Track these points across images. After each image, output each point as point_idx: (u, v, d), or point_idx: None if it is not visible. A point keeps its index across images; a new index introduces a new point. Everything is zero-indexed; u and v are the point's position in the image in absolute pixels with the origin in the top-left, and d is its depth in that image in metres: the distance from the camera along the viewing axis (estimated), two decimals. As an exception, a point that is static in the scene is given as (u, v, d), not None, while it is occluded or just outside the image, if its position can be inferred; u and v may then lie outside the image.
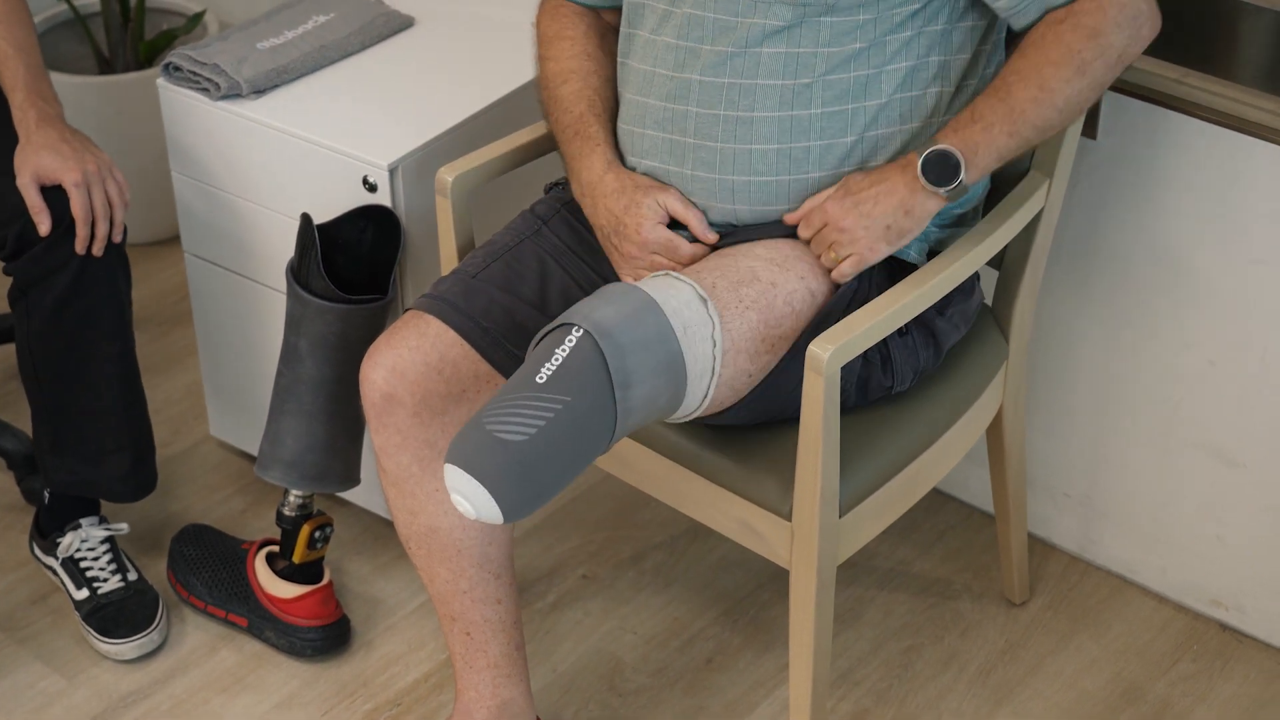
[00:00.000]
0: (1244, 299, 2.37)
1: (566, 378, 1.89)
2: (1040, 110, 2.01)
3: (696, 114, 2.10)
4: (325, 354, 2.41)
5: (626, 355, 1.90)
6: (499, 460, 1.87)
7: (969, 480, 2.76)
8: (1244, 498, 2.49)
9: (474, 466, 1.87)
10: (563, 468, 1.91)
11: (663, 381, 1.93)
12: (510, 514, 1.89)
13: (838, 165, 2.08)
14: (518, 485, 1.88)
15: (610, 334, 1.90)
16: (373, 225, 2.45)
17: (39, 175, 2.35)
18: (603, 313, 1.91)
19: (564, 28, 2.26)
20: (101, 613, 2.55)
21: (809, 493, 2.05)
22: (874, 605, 2.63)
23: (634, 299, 1.93)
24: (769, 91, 2.06)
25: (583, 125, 2.19)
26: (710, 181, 2.11)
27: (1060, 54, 2.00)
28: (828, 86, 2.06)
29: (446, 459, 1.90)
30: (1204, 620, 2.59)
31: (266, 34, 2.63)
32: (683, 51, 2.10)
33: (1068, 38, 2.00)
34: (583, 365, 1.89)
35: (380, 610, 2.63)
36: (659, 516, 2.78)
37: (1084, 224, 2.47)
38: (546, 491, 1.91)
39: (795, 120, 2.07)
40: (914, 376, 2.17)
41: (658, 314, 1.93)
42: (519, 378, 1.91)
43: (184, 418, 2.97)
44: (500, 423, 1.88)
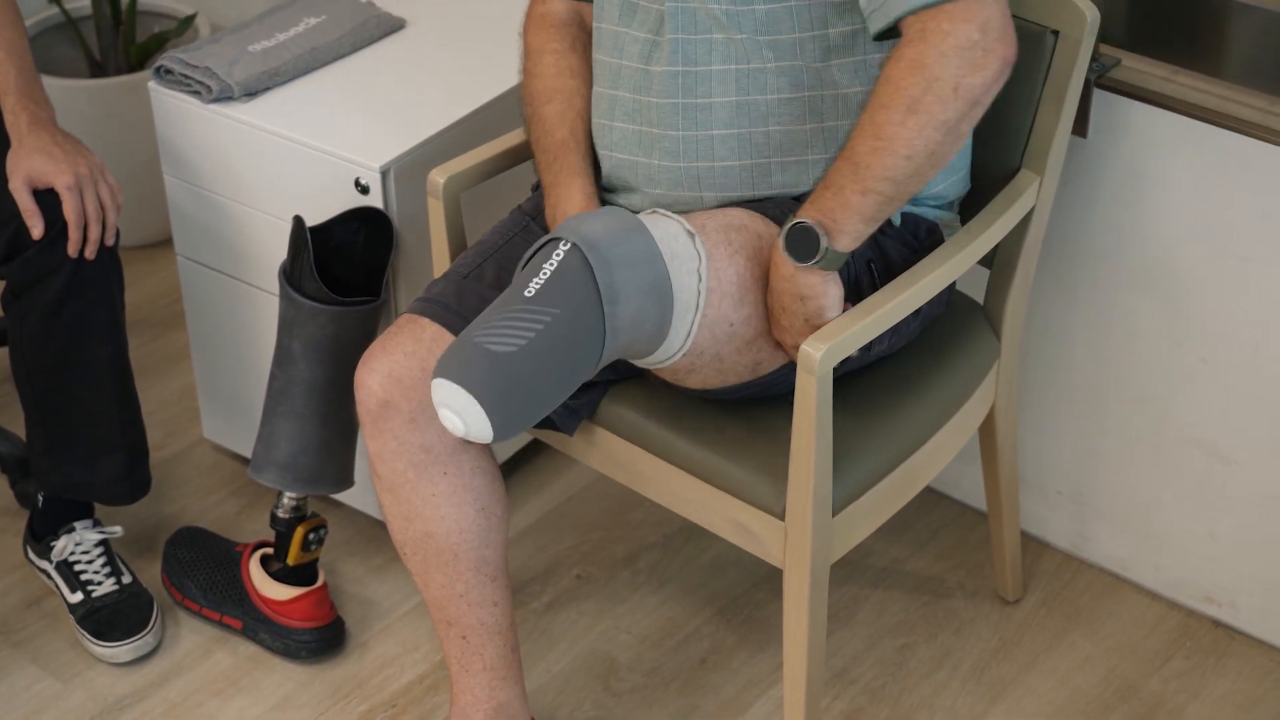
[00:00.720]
0: (1234, 296, 2.38)
1: (555, 290, 1.89)
2: (883, 160, 1.91)
3: (658, 105, 2.10)
4: (318, 356, 2.41)
5: (614, 269, 1.89)
6: (489, 371, 1.86)
7: (962, 478, 2.77)
8: (1236, 494, 2.49)
9: (463, 378, 1.86)
10: (552, 382, 1.90)
11: (650, 302, 1.92)
12: (500, 428, 1.88)
13: (803, 153, 2.08)
14: (508, 397, 1.87)
15: (597, 247, 1.90)
16: (365, 227, 2.46)
17: (31, 179, 2.35)
18: (590, 226, 1.92)
19: (548, 41, 2.26)
20: (96, 616, 2.55)
21: (802, 492, 2.06)
22: (868, 604, 2.63)
23: (622, 217, 1.93)
24: (724, 77, 2.07)
25: (563, 152, 2.19)
26: (675, 170, 2.11)
27: (888, 94, 1.90)
28: (781, 73, 2.06)
29: (434, 374, 1.88)
30: (1197, 617, 2.60)
31: (258, 36, 2.64)
32: (646, 44, 2.10)
33: (893, 75, 1.90)
34: (571, 278, 1.89)
35: (375, 612, 2.63)
36: (652, 516, 2.78)
37: (1075, 222, 2.47)
38: (536, 406, 1.90)
39: (752, 105, 2.07)
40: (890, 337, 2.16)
41: (645, 234, 1.93)
42: (508, 294, 1.92)
43: (177, 420, 2.97)
44: (489, 335, 1.87)
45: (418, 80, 2.60)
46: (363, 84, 2.59)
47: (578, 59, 2.25)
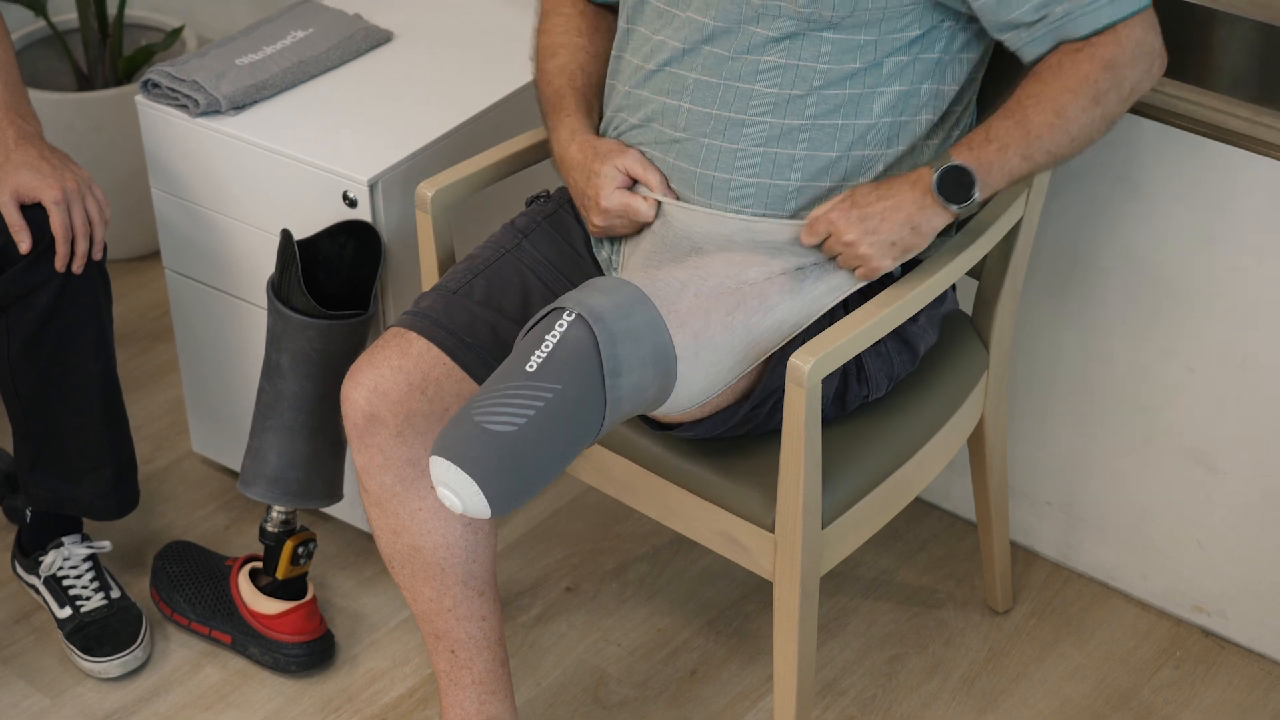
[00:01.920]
0: (1222, 305, 2.38)
1: (556, 365, 1.89)
2: (1055, 136, 2.02)
3: (689, 110, 2.10)
4: (307, 370, 2.41)
5: (618, 342, 1.90)
6: (487, 452, 1.86)
7: (951, 489, 2.77)
8: (1224, 503, 2.50)
9: (461, 458, 1.86)
10: (551, 458, 1.90)
11: (651, 373, 1.93)
12: (498, 507, 1.88)
13: (817, 177, 2.08)
14: (506, 477, 1.87)
15: (603, 319, 1.90)
16: (353, 240, 2.45)
17: (18, 193, 2.35)
18: (595, 300, 1.92)
19: (561, 4, 2.30)
20: (84, 631, 2.54)
21: (791, 504, 2.06)
22: (858, 615, 2.63)
23: (625, 290, 1.94)
24: (763, 98, 2.07)
25: (559, 99, 2.22)
26: (691, 174, 2.11)
27: (1077, 82, 2.01)
28: (821, 100, 2.06)
29: (433, 451, 1.89)
30: (1186, 626, 2.60)
31: (245, 50, 2.63)
32: (682, 51, 2.10)
33: (1085, 67, 2.01)
34: (574, 351, 1.89)
35: (364, 625, 2.63)
36: (642, 529, 2.78)
37: (1063, 233, 2.48)
38: (534, 484, 1.90)
39: (785, 128, 2.07)
40: (889, 383, 2.18)
41: (648, 305, 1.93)
42: (508, 367, 1.91)
43: (165, 434, 2.96)
44: (488, 413, 1.87)
45: (405, 93, 2.60)
46: (350, 97, 2.59)
47: (587, 22, 2.28)
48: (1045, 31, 2.03)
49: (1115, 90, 2.02)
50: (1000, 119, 2.03)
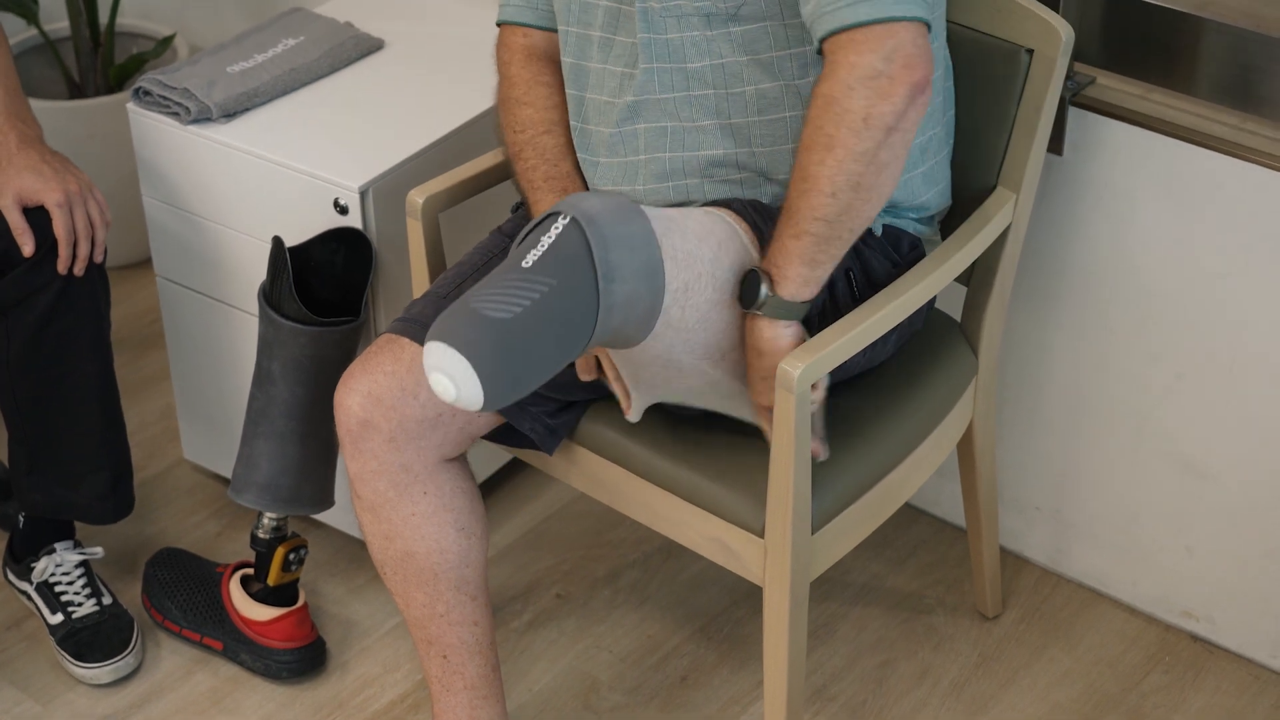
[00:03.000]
0: (1210, 312, 2.39)
1: (552, 261, 1.88)
2: (809, 201, 1.93)
3: (645, 130, 2.11)
4: (298, 376, 2.41)
5: (610, 248, 1.89)
6: (483, 335, 1.85)
7: (940, 495, 2.78)
8: (1213, 509, 2.50)
9: (458, 341, 1.85)
10: (545, 352, 1.89)
11: (643, 286, 1.91)
12: (491, 394, 1.86)
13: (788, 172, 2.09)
14: (502, 362, 1.85)
15: (596, 223, 1.89)
16: (344, 247, 2.46)
17: (21, 197, 2.36)
18: (590, 203, 1.91)
19: (540, 73, 2.25)
20: (76, 637, 2.55)
21: (781, 509, 2.06)
22: (847, 621, 2.64)
23: (621, 200, 1.93)
24: (705, 101, 2.08)
25: (571, 183, 2.20)
26: (664, 189, 2.12)
27: (809, 135, 1.92)
28: (760, 96, 2.07)
29: (429, 336, 1.87)
30: (1175, 632, 2.61)
31: (236, 57, 2.64)
32: (626, 77, 2.11)
33: (811, 113, 1.92)
34: (568, 251, 1.88)
35: (355, 631, 2.63)
36: (632, 535, 2.78)
37: (1051, 239, 2.48)
38: (527, 376, 1.89)
39: (735, 128, 2.08)
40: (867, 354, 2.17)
41: (643, 219, 1.92)
42: (505, 264, 1.91)
43: (157, 441, 2.97)
44: (484, 301, 1.86)
45: (396, 101, 2.60)
46: (341, 105, 2.60)
47: (564, 95, 2.26)
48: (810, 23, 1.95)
49: (844, 127, 1.89)
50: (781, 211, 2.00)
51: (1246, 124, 2.29)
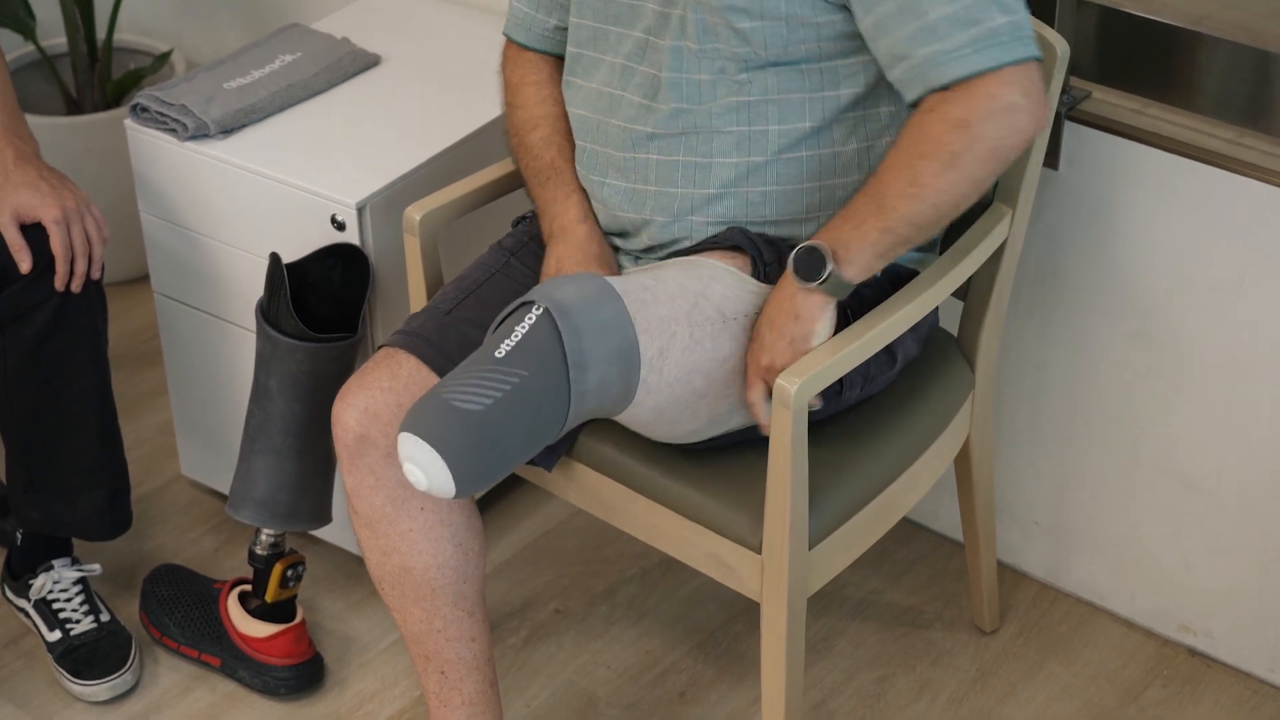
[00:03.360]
0: (1207, 326, 2.39)
1: (524, 353, 1.91)
2: (912, 205, 1.96)
3: (657, 161, 2.12)
4: (295, 392, 2.41)
5: (583, 336, 1.92)
6: (454, 427, 1.88)
7: (938, 510, 2.78)
8: (1210, 523, 2.50)
9: (429, 434, 1.88)
10: (517, 442, 1.92)
11: (615, 369, 1.94)
12: (462, 485, 1.90)
13: (799, 212, 2.10)
14: (472, 454, 1.89)
15: (568, 313, 1.92)
16: (341, 263, 2.46)
17: (18, 213, 2.36)
18: (564, 292, 1.94)
19: (528, 74, 2.29)
20: (74, 654, 2.54)
21: (778, 525, 2.06)
22: (845, 636, 2.64)
23: (595, 284, 1.96)
24: (725, 138, 2.08)
25: (554, 173, 2.22)
26: (669, 224, 2.13)
27: (929, 147, 1.94)
28: (783, 135, 2.08)
29: (401, 428, 1.91)
30: (1173, 646, 2.61)
31: (233, 74, 2.64)
32: (643, 107, 2.12)
33: (936, 129, 1.94)
34: (540, 342, 1.91)
35: (353, 648, 2.63)
36: (630, 550, 2.78)
37: (1047, 254, 2.49)
38: (499, 465, 1.93)
39: (752, 166, 2.09)
40: (864, 383, 2.17)
41: (617, 301, 1.95)
42: (479, 353, 1.94)
43: (155, 457, 2.97)
44: (456, 393, 1.90)
45: (393, 117, 2.61)
46: (338, 121, 2.60)
47: (559, 89, 2.28)
48: (912, 75, 1.97)
49: (970, 151, 1.93)
50: (860, 193, 2.00)
51: (1243, 138, 2.29)
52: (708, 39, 2.06)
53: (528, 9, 2.29)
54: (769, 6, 2.01)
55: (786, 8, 2.01)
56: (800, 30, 2.02)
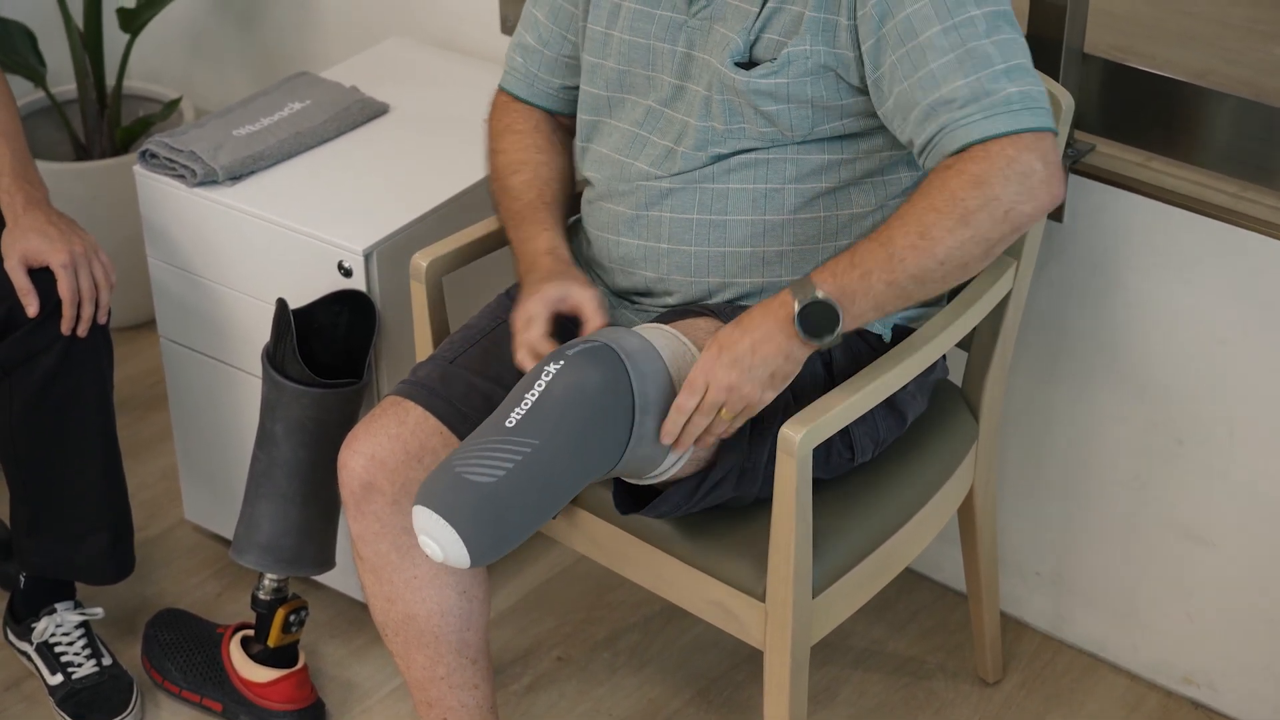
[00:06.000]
0: (1210, 378, 2.40)
1: (536, 421, 1.91)
2: (920, 259, 1.92)
3: (670, 219, 2.13)
4: (301, 438, 2.42)
5: (647, 381, 1.93)
6: (467, 501, 1.88)
7: (942, 560, 2.78)
8: (1213, 575, 2.50)
9: (443, 507, 1.89)
10: (531, 511, 1.92)
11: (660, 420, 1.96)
12: (478, 556, 1.90)
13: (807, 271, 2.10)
14: (486, 526, 1.89)
15: (633, 357, 1.93)
16: (348, 310, 2.47)
17: (26, 257, 2.37)
18: (627, 340, 1.95)
19: (513, 122, 2.30)
20: (76, 698, 2.54)
21: (782, 574, 2.07)
22: (848, 685, 2.64)
23: (640, 338, 1.97)
24: (740, 195, 2.09)
25: (530, 211, 2.22)
26: (686, 284, 2.14)
27: (943, 200, 1.91)
28: (799, 194, 2.09)
29: (416, 500, 1.91)
30: (1176, 698, 2.60)
31: (242, 121, 2.66)
32: (657, 166, 2.13)
33: (952, 184, 1.91)
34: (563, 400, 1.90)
35: (355, 694, 2.63)
36: (633, 597, 2.78)
37: (1051, 305, 2.49)
38: (514, 535, 1.92)
39: (768, 225, 2.10)
40: (875, 447, 2.18)
41: (658, 355, 1.96)
42: (491, 421, 1.94)
43: (159, 501, 2.97)
44: (469, 464, 1.90)
45: (401, 164, 2.62)
46: (346, 168, 2.61)
47: (543, 139, 2.29)
48: (929, 150, 1.97)
49: (986, 210, 1.90)
50: (867, 242, 1.95)
51: (1246, 192, 2.30)
52: (734, 119, 2.07)
53: (532, 69, 2.30)
54: (795, 91, 2.02)
55: (811, 92, 2.02)
56: (825, 113, 2.04)
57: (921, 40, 1.93)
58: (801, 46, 2.00)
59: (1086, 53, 2.37)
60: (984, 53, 1.92)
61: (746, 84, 2.03)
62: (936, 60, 1.93)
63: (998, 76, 1.92)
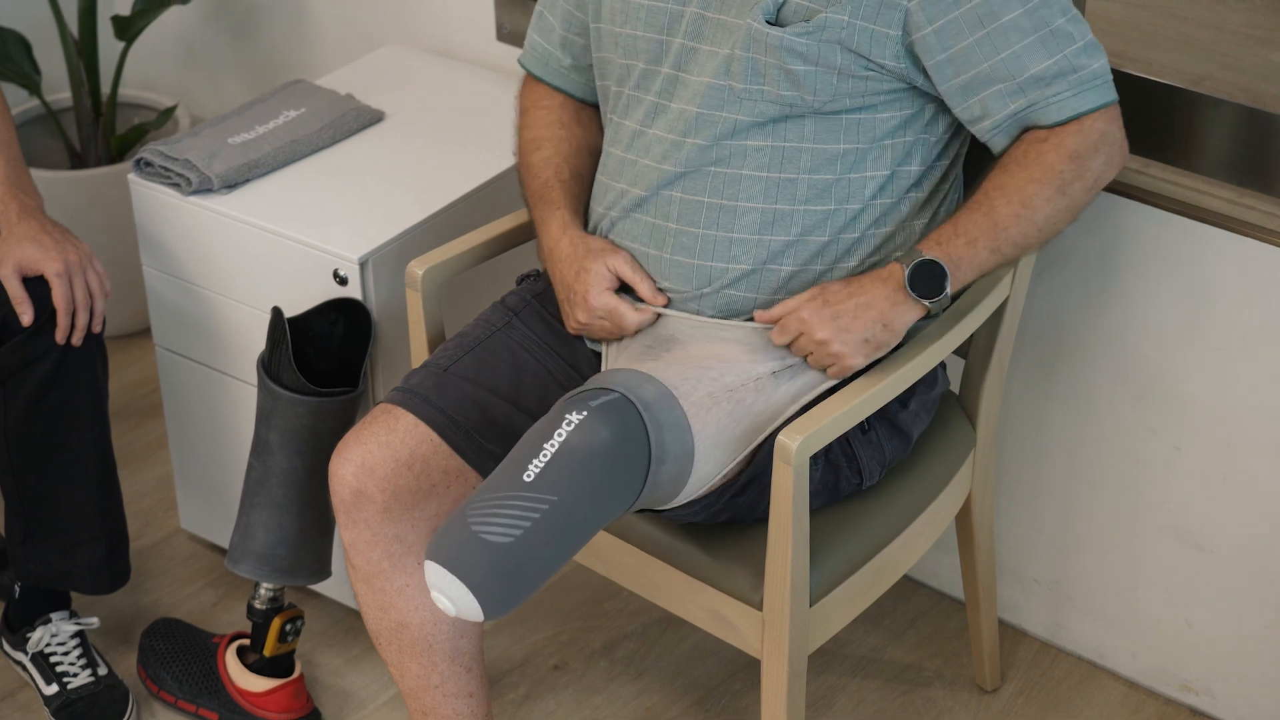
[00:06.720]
0: (1208, 384, 2.39)
1: (553, 477, 1.90)
2: (1021, 227, 2.04)
3: (681, 199, 2.12)
4: (296, 447, 2.41)
5: (665, 430, 1.93)
6: (481, 560, 1.87)
7: (939, 567, 2.77)
8: (1211, 582, 2.50)
9: (456, 565, 1.87)
10: (545, 565, 1.91)
11: (679, 468, 1.96)
12: (490, 612, 1.89)
13: (808, 262, 2.10)
14: (500, 584, 1.88)
15: (650, 407, 1.94)
16: (343, 318, 2.47)
17: (21, 266, 2.37)
18: (644, 389, 1.95)
19: (540, 98, 2.32)
20: (71, 708, 2.54)
21: (779, 582, 2.06)
22: (846, 693, 2.63)
23: (657, 384, 1.97)
24: (754, 182, 2.09)
25: (546, 191, 2.24)
26: (688, 267, 2.13)
27: (1043, 172, 2.03)
28: (812, 185, 2.08)
29: (428, 556, 1.90)
30: (1175, 705, 2.60)
31: (237, 129, 2.66)
32: (671, 143, 2.12)
33: (1050, 157, 2.04)
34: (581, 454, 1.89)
35: (351, 703, 2.62)
36: (630, 606, 2.78)
37: (1049, 312, 2.49)
38: (527, 589, 1.91)
39: (778, 213, 2.09)
40: (882, 470, 2.18)
41: (677, 403, 1.97)
42: (507, 473, 1.92)
43: (154, 510, 2.96)
44: (484, 523, 1.88)
45: (396, 172, 2.61)
46: (341, 176, 2.61)
47: (568, 114, 2.30)
48: (1012, 122, 2.06)
49: (1079, 180, 2.05)
50: (968, 212, 2.05)
51: (1244, 198, 2.30)
52: (755, 79, 2.06)
53: (546, 44, 2.30)
54: (825, 54, 2.03)
55: (841, 59, 2.03)
56: (849, 82, 2.05)
57: (1004, 22, 2.01)
58: (840, 16, 2.02)
59: (1083, 59, 2.36)
60: (1065, 32, 2.03)
61: (780, 40, 2.03)
62: (1021, 41, 2.01)
63: (1079, 53, 2.04)
